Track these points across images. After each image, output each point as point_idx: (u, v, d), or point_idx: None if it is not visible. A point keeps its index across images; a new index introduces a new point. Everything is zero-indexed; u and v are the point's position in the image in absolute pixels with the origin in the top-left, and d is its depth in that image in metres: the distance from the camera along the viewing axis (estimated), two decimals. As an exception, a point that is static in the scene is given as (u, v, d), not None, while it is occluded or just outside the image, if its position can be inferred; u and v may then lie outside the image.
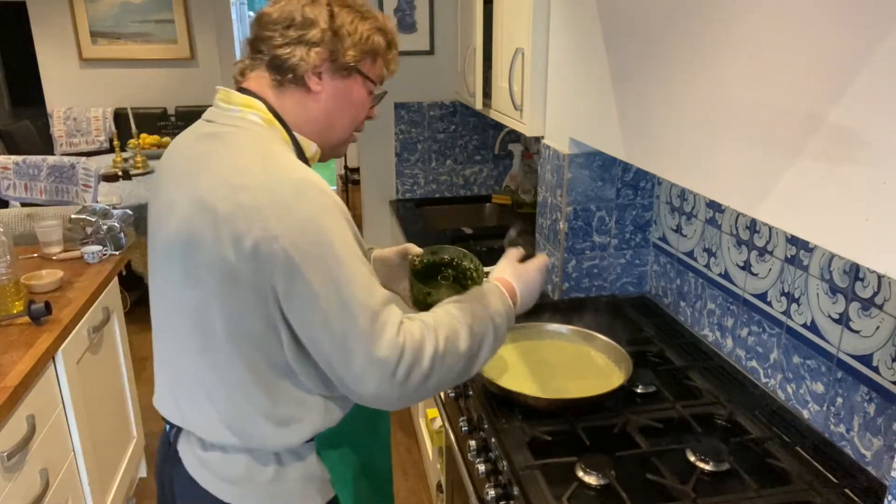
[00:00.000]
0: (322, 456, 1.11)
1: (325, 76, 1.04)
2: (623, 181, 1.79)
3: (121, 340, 2.41)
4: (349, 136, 1.14)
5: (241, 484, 1.06)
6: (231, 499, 1.06)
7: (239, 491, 1.06)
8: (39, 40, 5.57)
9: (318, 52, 1.02)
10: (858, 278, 1.15)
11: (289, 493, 1.07)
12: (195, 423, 1.06)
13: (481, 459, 1.36)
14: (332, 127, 1.10)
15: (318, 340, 0.95)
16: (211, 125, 1.04)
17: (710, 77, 1.03)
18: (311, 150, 1.09)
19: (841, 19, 0.76)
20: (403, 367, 0.94)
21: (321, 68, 1.04)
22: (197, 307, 0.98)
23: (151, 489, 2.62)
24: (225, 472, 1.06)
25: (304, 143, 1.07)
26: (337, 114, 1.08)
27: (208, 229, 0.93)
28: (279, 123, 1.04)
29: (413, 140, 2.95)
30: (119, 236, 2.35)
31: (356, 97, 1.09)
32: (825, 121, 0.79)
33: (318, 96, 1.05)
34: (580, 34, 1.53)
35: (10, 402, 1.52)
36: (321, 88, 1.05)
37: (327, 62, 1.03)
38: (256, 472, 1.06)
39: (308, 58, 1.01)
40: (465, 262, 1.30)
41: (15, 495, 1.55)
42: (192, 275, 0.97)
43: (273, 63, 1.03)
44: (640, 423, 1.30)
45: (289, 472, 1.07)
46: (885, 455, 1.12)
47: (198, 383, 1.03)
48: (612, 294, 1.89)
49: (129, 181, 4.23)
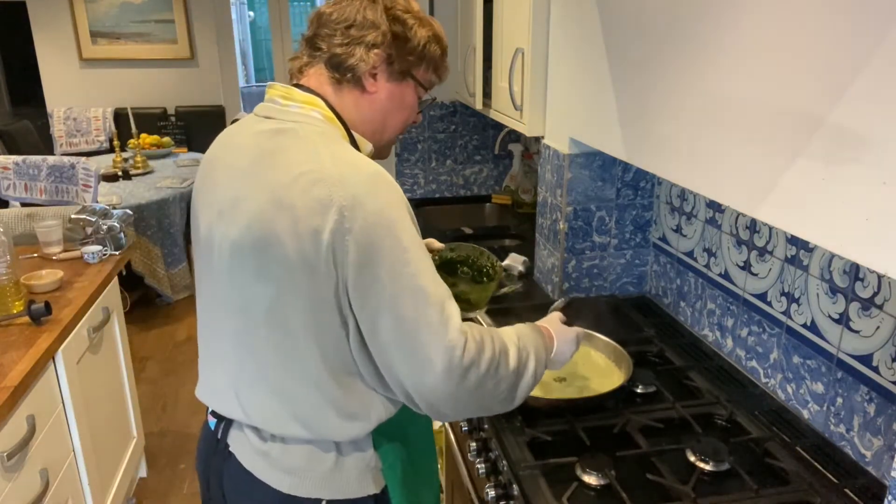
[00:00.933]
0: (376, 445, 1.12)
1: (381, 78, 1.07)
2: (623, 181, 1.79)
3: (121, 340, 2.41)
4: (395, 138, 1.16)
5: (300, 473, 1.07)
6: (288, 489, 1.06)
7: (297, 480, 1.07)
8: (39, 40, 5.57)
9: (377, 53, 1.04)
10: (858, 278, 1.15)
11: (345, 482, 1.08)
12: (260, 416, 1.06)
13: (481, 459, 1.36)
14: (385, 128, 1.12)
15: (382, 331, 0.95)
16: (271, 122, 1.04)
17: (710, 77, 1.03)
18: (367, 149, 1.10)
19: (841, 19, 0.76)
20: (467, 358, 0.95)
21: (377, 70, 1.06)
22: (272, 303, 0.98)
23: (151, 489, 2.63)
24: (285, 462, 1.07)
25: (360, 141, 1.09)
26: (390, 116, 1.11)
27: (285, 224, 0.93)
28: (339, 121, 1.05)
29: (413, 140, 2.95)
30: (119, 236, 2.35)
31: (408, 101, 1.12)
32: (825, 121, 0.79)
33: (373, 97, 1.07)
34: (580, 34, 1.53)
35: (10, 402, 1.51)
36: (376, 90, 1.07)
37: (384, 64, 1.06)
38: (317, 462, 1.07)
39: (367, 59, 1.04)
40: (483, 260, 1.34)
41: (15, 495, 1.55)
42: (266, 270, 0.97)
43: (332, 61, 1.05)
44: (640, 423, 1.30)
45: (347, 462, 1.08)
46: (885, 455, 1.12)
47: (266, 377, 1.04)
48: (612, 294, 1.89)
49: (129, 181, 4.23)
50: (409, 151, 2.96)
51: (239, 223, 0.98)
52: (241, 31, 7.54)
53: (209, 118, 5.68)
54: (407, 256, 0.94)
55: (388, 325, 0.94)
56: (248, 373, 1.05)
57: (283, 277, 0.96)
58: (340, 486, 1.08)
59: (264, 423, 1.06)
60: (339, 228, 0.91)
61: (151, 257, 4.02)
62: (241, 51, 7.39)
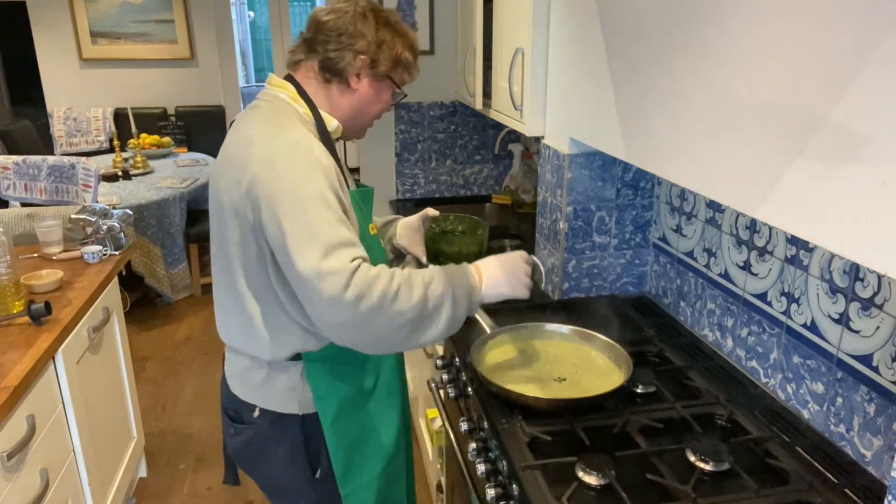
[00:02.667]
0: (308, 375, 1.32)
1: (364, 78, 1.31)
2: (623, 181, 1.79)
3: (121, 340, 2.41)
4: (369, 123, 1.41)
5: (242, 380, 1.36)
6: (238, 392, 1.38)
7: (241, 386, 1.37)
8: (39, 40, 5.57)
9: (362, 59, 1.29)
10: (858, 278, 1.15)
11: (275, 396, 1.34)
12: (223, 332, 1.37)
13: (481, 459, 1.36)
14: (362, 115, 1.37)
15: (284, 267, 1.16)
16: (255, 100, 1.33)
17: (710, 77, 1.03)
18: (332, 125, 1.33)
19: (841, 19, 0.76)
20: (354, 289, 1.09)
21: (362, 71, 1.30)
22: (221, 238, 1.26)
23: (151, 489, 2.63)
24: (234, 369, 1.38)
25: (326, 119, 1.32)
26: (367, 108, 1.36)
27: (227, 175, 1.22)
28: (304, 101, 1.30)
29: (413, 140, 2.95)
30: (119, 236, 2.35)
31: (384, 97, 1.37)
32: (825, 121, 0.79)
33: (355, 92, 1.33)
34: (580, 34, 1.53)
35: (10, 402, 1.52)
36: (359, 87, 1.32)
37: (367, 68, 1.30)
38: (252, 373, 1.34)
39: (354, 62, 1.29)
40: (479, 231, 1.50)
41: (15, 495, 1.55)
42: (218, 211, 1.25)
43: (324, 63, 1.30)
44: (640, 423, 1.30)
45: (277, 380, 1.32)
46: (885, 455, 1.12)
47: (220, 296, 1.34)
48: (612, 294, 1.89)
49: (129, 181, 4.23)
50: (409, 151, 2.96)
51: (212, 174, 1.31)
52: (241, 31, 7.54)
53: (209, 118, 5.68)
54: (304, 205, 1.13)
55: (285, 261, 1.14)
56: (218, 297, 1.36)
57: (224, 216, 1.23)
58: (270, 399, 1.34)
59: (221, 335, 1.38)
60: (254, 180, 1.16)
61: (151, 257, 4.02)
62: (241, 51, 7.39)
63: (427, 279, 1.18)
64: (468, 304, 1.22)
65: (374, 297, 1.11)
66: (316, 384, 1.32)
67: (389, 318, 1.13)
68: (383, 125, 2.89)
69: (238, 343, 1.34)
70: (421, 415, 2.68)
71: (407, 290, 1.14)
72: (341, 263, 1.10)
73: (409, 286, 1.15)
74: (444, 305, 1.18)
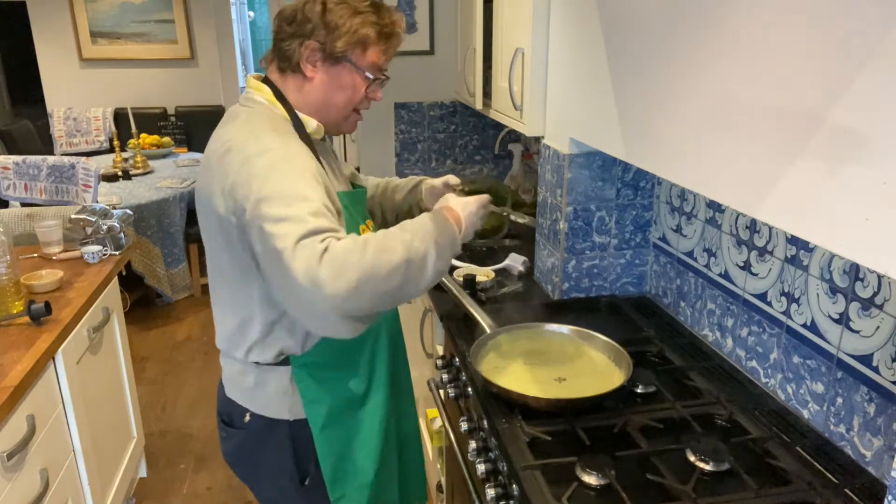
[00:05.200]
0: (297, 379, 1.30)
1: (319, 64, 1.25)
2: (623, 181, 1.79)
3: (121, 340, 2.41)
4: (349, 114, 1.33)
5: (235, 383, 1.35)
6: (232, 395, 1.37)
7: (234, 389, 1.36)
8: (39, 40, 5.57)
9: (309, 44, 1.23)
10: (858, 278, 1.15)
11: (266, 401, 1.33)
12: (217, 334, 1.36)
13: (481, 459, 1.36)
14: (329, 106, 1.30)
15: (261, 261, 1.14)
16: (236, 105, 1.30)
17: (710, 77, 1.03)
18: (312, 125, 1.29)
19: (841, 19, 0.76)
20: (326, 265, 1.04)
21: (315, 58, 1.24)
22: (207, 239, 1.26)
23: (151, 489, 2.63)
24: (227, 371, 1.37)
25: (304, 119, 1.29)
26: (331, 96, 1.28)
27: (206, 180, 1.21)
28: (281, 104, 1.27)
29: (413, 140, 2.95)
30: (119, 236, 2.35)
31: (346, 82, 1.27)
32: (825, 121, 0.79)
33: (312, 81, 1.27)
34: (580, 34, 1.53)
35: (10, 402, 1.52)
36: (314, 75, 1.26)
37: (318, 52, 1.24)
38: (243, 376, 1.33)
39: (301, 49, 1.23)
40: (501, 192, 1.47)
41: (15, 495, 1.55)
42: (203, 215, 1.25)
43: (278, 54, 1.27)
44: (640, 423, 1.30)
45: (268, 384, 1.31)
46: (885, 455, 1.12)
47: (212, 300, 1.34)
48: (612, 294, 1.89)
49: (129, 181, 4.23)
50: (409, 151, 2.96)
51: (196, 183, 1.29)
52: (241, 31, 7.53)
53: (209, 118, 5.66)
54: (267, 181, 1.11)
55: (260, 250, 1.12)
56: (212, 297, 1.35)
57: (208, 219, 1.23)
58: (261, 403, 1.33)
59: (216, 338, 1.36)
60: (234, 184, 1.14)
61: (151, 257, 4.02)
62: (241, 51, 7.39)
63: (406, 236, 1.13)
64: (450, 250, 1.19)
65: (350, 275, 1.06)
66: (305, 389, 1.31)
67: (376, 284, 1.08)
68: (383, 125, 2.89)
69: (226, 345, 1.33)
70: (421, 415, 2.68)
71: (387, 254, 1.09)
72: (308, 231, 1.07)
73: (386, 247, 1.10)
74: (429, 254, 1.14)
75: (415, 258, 1.12)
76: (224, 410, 1.39)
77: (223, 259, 1.24)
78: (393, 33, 1.28)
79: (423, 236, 1.15)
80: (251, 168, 1.13)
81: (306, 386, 1.31)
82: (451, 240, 1.20)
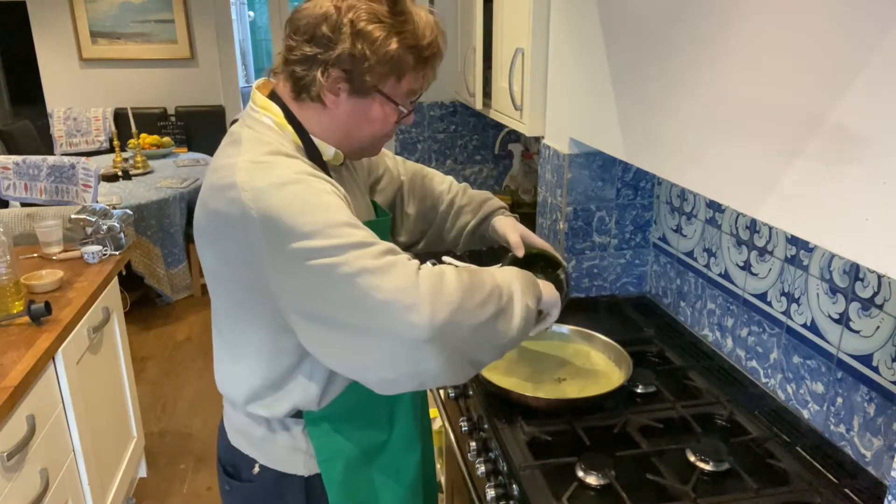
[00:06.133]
0: (311, 435, 1.14)
1: (343, 94, 1.03)
2: (623, 181, 1.79)
3: (121, 340, 2.41)
4: (372, 144, 1.13)
5: (243, 434, 1.17)
6: (238, 444, 1.18)
7: (240, 438, 1.18)
8: (39, 40, 5.57)
9: (335, 72, 1.00)
10: (858, 278, 1.15)
11: (277, 453, 1.15)
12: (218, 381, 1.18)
13: (481, 459, 1.36)
14: (351, 138, 1.09)
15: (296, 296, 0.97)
16: (237, 123, 1.09)
17: (710, 77, 1.03)
18: (329, 153, 1.10)
19: (841, 19, 0.76)
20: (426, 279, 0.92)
21: (338, 88, 1.02)
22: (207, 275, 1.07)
23: (151, 489, 2.63)
24: (231, 419, 1.19)
25: (321, 146, 1.08)
26: (354, 129, 1.08)
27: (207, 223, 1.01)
28: (291, 127, 1.06)
29: (413, 140, 2.95)
30: (119, 236, 2.35)
31: (375, 115, 1.06)
32: (825, 121, 0.79)
33: (333, 112, 1.05)
34: (580, 34, 1.53)
35: (10, 402, 1.51)
36: (336, 106, 1.04)
37: (343, 82, 1.01)
38: (251, 427, 1.15)
39: (324, 79, 1.01)
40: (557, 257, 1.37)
41: (15, 495, 1.55)
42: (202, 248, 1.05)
43: (292, 76, 1.03)
44: (640, 423, 1.30)
45: (278, 437, 1.15)
46: (885, 455, 1.12)
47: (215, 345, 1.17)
48: (612, 294, 1.89)
49: (129, 181, 4.23)
50: (409, 151, 2.96)
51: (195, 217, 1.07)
52: (241, 31, 7.53)
53: (209, 118, 5.67)
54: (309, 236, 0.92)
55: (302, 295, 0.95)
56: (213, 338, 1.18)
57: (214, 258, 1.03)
58: (272, 456, 1.16)
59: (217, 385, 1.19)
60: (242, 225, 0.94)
61: (151, 257, 4.02)
62: (241, 51, 7.39)
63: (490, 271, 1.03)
64: (535, 295, 1.06)
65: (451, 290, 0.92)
66: (319, 446, 1.14)
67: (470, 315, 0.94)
68: (383, 125, 2.88)
69: (226, 389, 1.16)
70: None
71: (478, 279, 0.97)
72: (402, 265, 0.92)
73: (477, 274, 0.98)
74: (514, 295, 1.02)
75: (503, 288, 1.01)
76: (227, 459, 1.21)
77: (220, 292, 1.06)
78: (435, 55, 1.06)
79: (505, 274, 1.04)
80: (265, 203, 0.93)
81: (321, 443, 1.14)
82: (532, 282, 1.08)
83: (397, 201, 1.41)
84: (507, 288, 1.02)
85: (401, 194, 1.41)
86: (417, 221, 1.42)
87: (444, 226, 1.42)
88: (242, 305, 1.03)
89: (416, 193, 1.42)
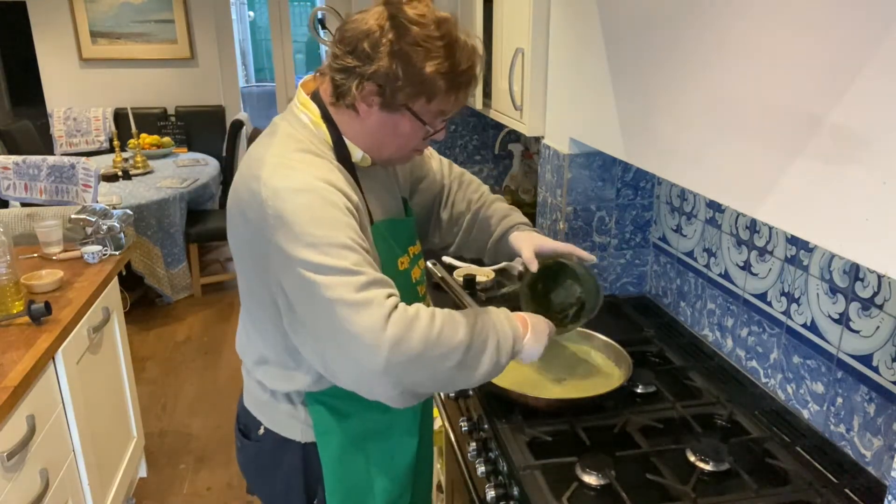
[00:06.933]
0: (310, 410, 1.22)
1: (374, 107, 1.09)
2: (623, 181, 1.79)
3: (121, 340, 2.41)
4: (400, 155, 1.19)
5: (253, 397, 1.28)
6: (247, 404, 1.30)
7: (252, 402, 1.29)
8: (39, 40, 5.57)
9: (369, 86, 1.06)
10: (858, 278, 1.15)
11: (278, 419, 1.25)
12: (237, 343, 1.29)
13: (481, 459, 1.36)
14: (379, 147, 1.16)
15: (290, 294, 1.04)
16: (279, 116, 1.18)
17: (710, 77, 1.03)
18: (357, 155, 1.16)
19: (841, 19, 0.76)
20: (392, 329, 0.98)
21: (371, 101, 1.08)
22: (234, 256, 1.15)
23: (151, 489, 2.63)
24: (247, 384, 1.30)
25: (351, 147, 1.15)
26: (382, 140, 1.14)
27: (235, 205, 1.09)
28: (326, 126, 1.13)
29: (413, 140, 2.94)
30: (119, 236, 2.35)
31: (402, 131, 1.12)
32: (825, 121, 0.79)
33: (364, 122, 1.11)
34: (580, 34, 1.53)
35: (10, 402, 1.52)
36: (368, 116, 1.10)
37: (376, 96, 1.07)
38: (259, 391, 1.26)
39: (359, 90, 1.06)
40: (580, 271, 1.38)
41: (15, 495, 1.55)
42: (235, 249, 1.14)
43: (333, 81, 1.10)
44: (640, 423, 1.30)
45: (280, 405, 1.23)
46: (885, 455, 1.12)
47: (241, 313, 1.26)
48: (612, 294, 1.89)
49: (129, 181, 4.23)
50: (409, 151, 2.96)
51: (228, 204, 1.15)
52: (241, 31, 7.54)
53: (209, 118, 5.68)
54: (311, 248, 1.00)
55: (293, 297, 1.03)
56: None
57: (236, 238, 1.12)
58: (274, 420, 1.25)
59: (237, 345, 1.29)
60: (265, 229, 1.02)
61: (151, 257, 4.02)
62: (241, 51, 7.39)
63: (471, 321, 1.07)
64: (510, 349, 1.12)
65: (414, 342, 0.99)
66: (318, 419, 1.22)
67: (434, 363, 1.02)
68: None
69: (241, 353, 1.28)
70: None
71: (451, 330, 1.03)
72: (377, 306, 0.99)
73: (451, 327, 1.04)
74: (489, 345, 1.08)
75: (475, 342, 1.06)
76: (241, 418, 1.33)
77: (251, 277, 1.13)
78: (469, 82, 1.10)
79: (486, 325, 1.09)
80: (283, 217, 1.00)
81: (320, 417, 1.22)
82: (513, 336, 1.13)
83: (435, 204, 1.47)
84: (480, 342, 1.07)
85: (440, 198, 1.47)
86: (448, 226, 1.48)
87: (470, 235, 1.47)
88: (255, 286, 1.12)
89: (452, 199, 1.48)
